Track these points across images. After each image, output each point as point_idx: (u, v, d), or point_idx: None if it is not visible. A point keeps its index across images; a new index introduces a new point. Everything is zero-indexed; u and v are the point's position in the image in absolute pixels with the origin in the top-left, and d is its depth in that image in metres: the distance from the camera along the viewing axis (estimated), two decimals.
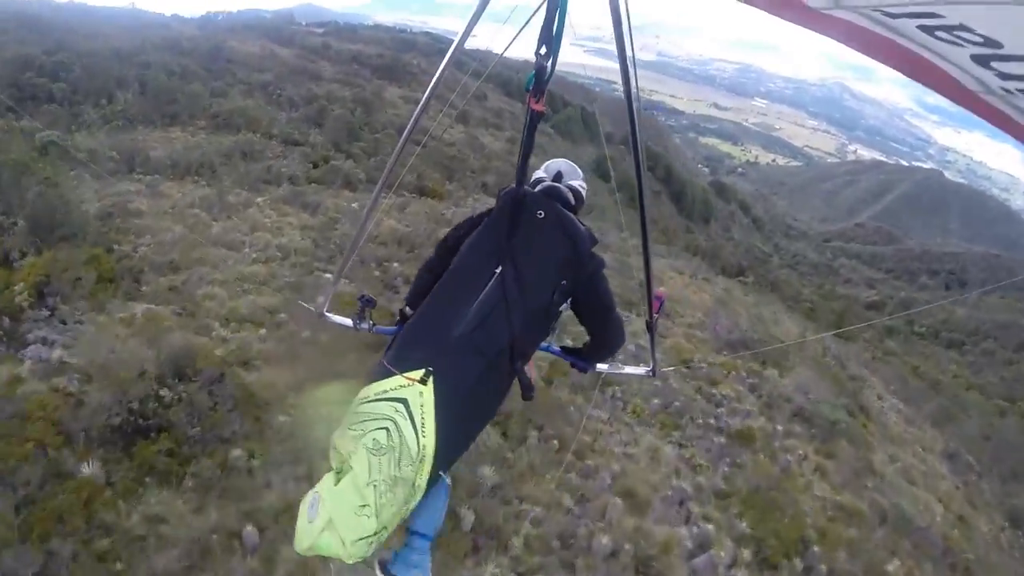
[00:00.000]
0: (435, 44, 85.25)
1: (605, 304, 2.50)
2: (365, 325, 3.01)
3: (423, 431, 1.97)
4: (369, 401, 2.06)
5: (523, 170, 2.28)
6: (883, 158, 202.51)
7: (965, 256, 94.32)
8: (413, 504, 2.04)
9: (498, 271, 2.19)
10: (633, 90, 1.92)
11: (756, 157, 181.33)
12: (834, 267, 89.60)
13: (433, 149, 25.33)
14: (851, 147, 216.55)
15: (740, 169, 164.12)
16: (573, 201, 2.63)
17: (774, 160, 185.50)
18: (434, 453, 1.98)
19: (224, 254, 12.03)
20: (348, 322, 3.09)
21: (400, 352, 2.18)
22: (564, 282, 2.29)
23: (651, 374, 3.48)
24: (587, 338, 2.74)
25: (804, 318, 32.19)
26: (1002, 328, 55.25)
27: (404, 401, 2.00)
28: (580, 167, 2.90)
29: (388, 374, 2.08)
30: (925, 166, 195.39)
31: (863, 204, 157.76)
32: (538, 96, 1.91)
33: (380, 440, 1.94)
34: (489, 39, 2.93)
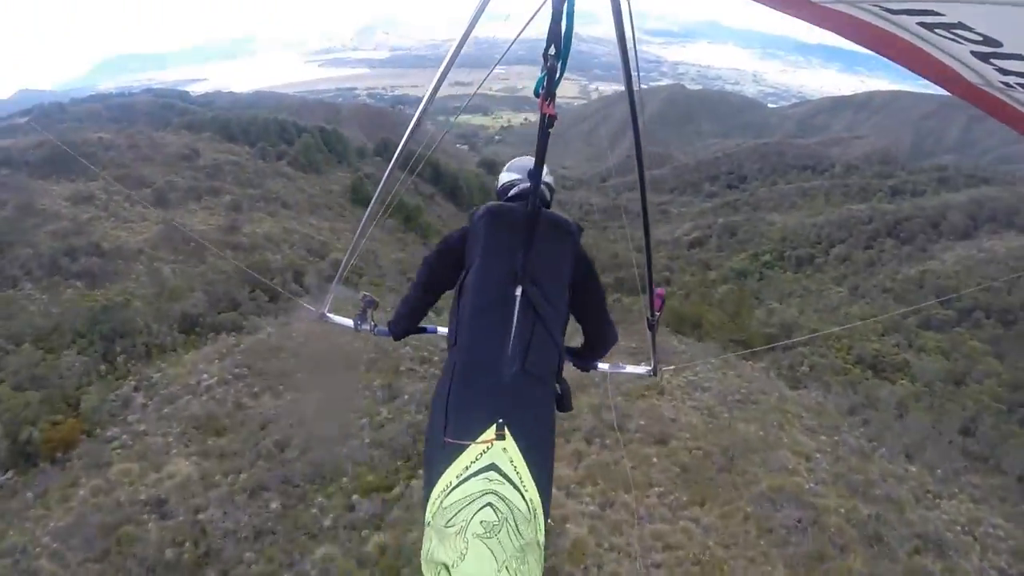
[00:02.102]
0: (158, 100, 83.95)
1: (601, 298, 2.53)
2: (367, 326, 3.10)
3: (524, 486, 1.80)
4: (454, 488, 1.79)
5: (537, 181, 2.15)
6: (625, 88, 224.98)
7: (737, 154, 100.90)
8: (542, 564, 1.80)
9: (518, 294, 2.13)
10: (635, 87, 2.12)
11: (509, 121, 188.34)
12: (620, 205, 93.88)
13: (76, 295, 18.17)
14: (592, 86, 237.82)
15: (497, 136, 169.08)
16: (549, 197, 2.71)
17: (526, 119, 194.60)
18: (541, 502, 1.83)
19: None
20: (349, 323, 3.21)
21: (459, 421, 1.95)
22: (569, 280, 2.34)
23: (652, 373, 3.70)
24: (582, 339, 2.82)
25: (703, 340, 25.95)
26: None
27: (493, 466, 1.81)
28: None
29: (459, 450, 1.86)
30: (664, 83, 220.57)
31: (621, 135, 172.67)
32: (549, 99, 1.85)
33: (489, 519, 1.69)
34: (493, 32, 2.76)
